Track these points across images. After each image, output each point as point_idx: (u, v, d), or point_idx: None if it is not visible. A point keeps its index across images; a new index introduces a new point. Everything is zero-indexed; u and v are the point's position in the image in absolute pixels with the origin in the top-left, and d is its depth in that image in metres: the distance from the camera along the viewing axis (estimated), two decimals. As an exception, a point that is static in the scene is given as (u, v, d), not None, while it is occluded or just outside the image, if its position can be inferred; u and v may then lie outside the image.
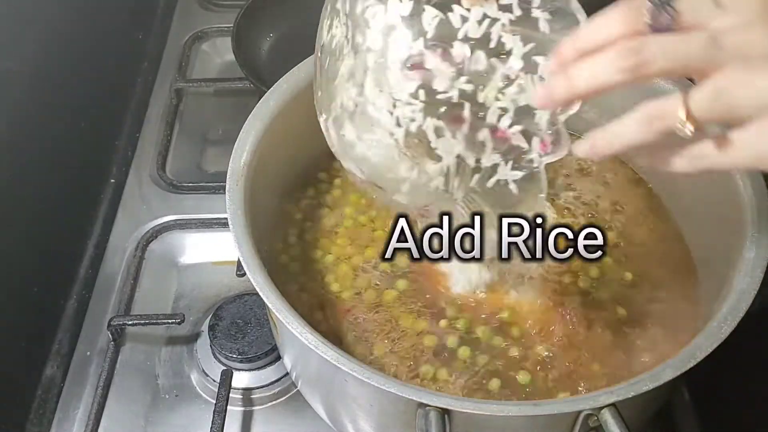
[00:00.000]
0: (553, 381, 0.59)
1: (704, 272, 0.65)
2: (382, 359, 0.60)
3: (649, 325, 0.62)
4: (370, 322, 0.62)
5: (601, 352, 0.60)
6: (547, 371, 0.59)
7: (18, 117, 0.76)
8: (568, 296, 0.63)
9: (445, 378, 0.59)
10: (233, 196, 0.59)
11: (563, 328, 0.61)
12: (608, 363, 0.60)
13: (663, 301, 0.64)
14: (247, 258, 0.56)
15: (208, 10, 1.12)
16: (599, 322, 0.62)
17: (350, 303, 0.64)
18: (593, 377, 0.59)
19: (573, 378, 0.59)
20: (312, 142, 0.71)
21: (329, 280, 0.65)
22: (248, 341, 0.73)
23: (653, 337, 0.62)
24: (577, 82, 0.41)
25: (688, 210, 0.68)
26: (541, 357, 0.60)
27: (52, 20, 0.84)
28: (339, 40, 0.52)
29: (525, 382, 0.58)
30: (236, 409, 0.72)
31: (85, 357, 0.76)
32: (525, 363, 0.59)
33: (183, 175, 0.92)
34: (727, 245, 0.59)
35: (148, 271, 0.83)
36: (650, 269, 0.66)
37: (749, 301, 0.53)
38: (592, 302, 0.63)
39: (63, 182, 0.83)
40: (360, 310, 0.63)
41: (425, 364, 0.59)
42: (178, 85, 1.00)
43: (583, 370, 0.59)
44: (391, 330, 0.62)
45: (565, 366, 0.59)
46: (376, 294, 0.64)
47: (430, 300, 0.63)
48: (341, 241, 0.68)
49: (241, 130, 0.63)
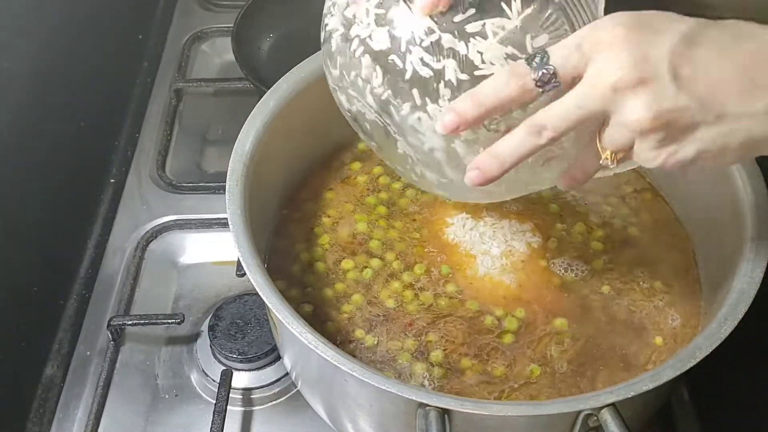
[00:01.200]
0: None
1: (704, 272, 0.65)
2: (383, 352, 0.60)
3: (648, 324, 0.62)
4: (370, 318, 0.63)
5: (601, 351, 0.61)
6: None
7: (18, 117, 0.76)
8: (567, 295, 0.63)
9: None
10: (233, 196, 0.59)
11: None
12: (607, 362, 0.60)
13: (663, 300, 0.64)
14: (247, 258, 0.56)
15: (208, 10, 1.12)
16: (598, 322, 0.62)
17: (351, 303, 0.64)
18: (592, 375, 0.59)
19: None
20: (312, 141, 0.72)
21: (329, 280, 0.65)
22: (248, 341, 0.73)
23: (652, 336, 0.62)
24: (504, 159, 0.47)
25: (689, 209, 0.69)
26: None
27: (52, 20, 0.84)
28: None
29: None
30: (236, 409, 0.72)
31: (85, 357, 0.76)
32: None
33: (183, 175, 0.92)
34: (727, 245, 0.59)
35: (148, 271, 0.83)
36: (650, 268, 0.66)
37: (749, 301, 0.53)
38: (590, 299, 0.63)
39: (63, 182, 0.83)
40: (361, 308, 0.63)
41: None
42: (178, 85, 1.00)
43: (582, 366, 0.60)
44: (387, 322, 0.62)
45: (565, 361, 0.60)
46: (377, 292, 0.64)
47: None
48: (341, 242, 0.68)
49: (241, 130, 0.63)
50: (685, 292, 0.64)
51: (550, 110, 0.45)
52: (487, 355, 0.60)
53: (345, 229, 0.69)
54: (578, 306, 0.63)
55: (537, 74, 0.45)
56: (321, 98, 0.68)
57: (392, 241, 0.67)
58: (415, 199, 0.70)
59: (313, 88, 0.67)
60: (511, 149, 0.46)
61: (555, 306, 0.63)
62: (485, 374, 0.59)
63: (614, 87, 0.43)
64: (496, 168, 0.47)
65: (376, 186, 0.72)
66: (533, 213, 0.68)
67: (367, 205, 0.70)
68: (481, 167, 0.48)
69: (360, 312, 0.63)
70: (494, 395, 0.58)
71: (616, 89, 0.43)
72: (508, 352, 0.60)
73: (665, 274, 0.65)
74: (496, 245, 0.65)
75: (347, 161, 0.74)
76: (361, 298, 0.64)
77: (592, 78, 0.44)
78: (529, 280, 0.64)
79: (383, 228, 0.68)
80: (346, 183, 0.72)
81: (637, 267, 0.66)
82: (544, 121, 0.45)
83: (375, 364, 0.60)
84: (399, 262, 0.66)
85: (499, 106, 0.46)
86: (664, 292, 0.64)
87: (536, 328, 0.62)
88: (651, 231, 0.69)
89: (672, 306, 0.63)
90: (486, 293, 0.63)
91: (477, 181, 0.48)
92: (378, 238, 0.67)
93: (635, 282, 0.65)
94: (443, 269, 0.65)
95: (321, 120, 0.69)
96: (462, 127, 0.47)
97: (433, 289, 0.64)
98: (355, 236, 0.68)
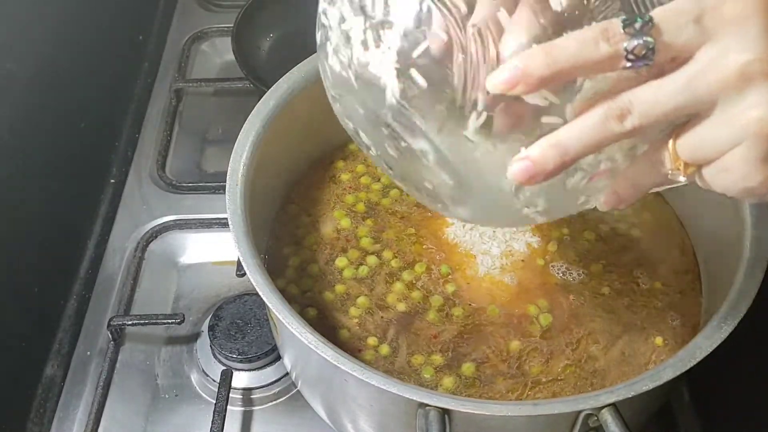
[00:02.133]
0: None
1: (704, 272, 0.65)
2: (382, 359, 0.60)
3: (648, 324, 0.62)
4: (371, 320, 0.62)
5: (600, 351, 0.61)
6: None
7: (18, 117, 0.76)
8: (566, 293, 0.63)
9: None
10: (233, 196, 0.59)
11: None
12: (607, 361, 0.60)
13: (663, 300, 0.64)
14: (247, 258, 0.56)
15: (208, 10, 1.12)
16: (597, 321, 0.62)
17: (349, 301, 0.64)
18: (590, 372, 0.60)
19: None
20: (312, 141, 0.72)
21: (329, 280, 0.65)
22: (248, 341, 0.73)
23: (652, 336, 0.62)
24: (566, 148, 0.37)
25: (689, 209, 0.69)
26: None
27: (53, 21, 0.84)
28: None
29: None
30: (236, 409, 0.72)
31: (85, 357, 0.76)
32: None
33: (183, 175, 0.92)
34: (728, 245, 0.59)
35: (148, 271, 0.83)
36: (650, 268, 0.66)
37: (749, 301, 0.53)
38: (589, 299, 0.63)
39: (63, 182, 0.83)
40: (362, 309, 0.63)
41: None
42: (178, 86, 1.00)
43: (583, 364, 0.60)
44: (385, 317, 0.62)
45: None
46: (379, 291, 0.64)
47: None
48: (340, 242, 0.68)
49: (241, 130, 0.63)
50: (686, 292, 0.64)
51: (643, 91, 0.36)
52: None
53: (327, 226, 0.68)
54: (578, 306, 0.63)
55: (632, 44, 0.35)
56: (321, 98, 0.68)
57: (389, 240, 0.67)
58: (401, 199, 0.70)
59: (313, 88, 0.67)
60: (579, 135, 0.36)
61: (557, 306, 0.63)
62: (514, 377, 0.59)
63: (742, 72, 0.34)
64: (553, 159, 0.37)
65: (358, 185, 0.71)
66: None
67: (346, 203, 0.70)
68: (534, 157, 0.37)
69: (371, 317, 0.63)
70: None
71: (744, 75, 0.34)
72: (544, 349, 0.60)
73: (665, 274, 0.65)
74: (496, 245, 0.65)
75: (335, 160, 0.74)
76: (367, 300, 0.63)
77: (711, 59, 0.35)
78: (529, 280, 0.64)
79: (369, 226, 0.68)
80: (346, 183, 0.72)
81: (637, 267, 0.66)
82: (632, 103, 0.36)
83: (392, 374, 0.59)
84: (398, 260, 0.65)
85: (573, 69, 0.36)
86: (664, 293, 0.64)
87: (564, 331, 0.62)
88: (652, 231, 0.69)
89: (672, 306, 0.63)
90: (484, 293, 0.63)
91: (524, 175, 0.37)
92: (365, 235, 0.67)
93: (635, 282, 0.65)
94: (443, 269, 0.65)
95: (321, 120, 0.68)
96: (524, 85, 0.36)
97: (436, 289, 0.64)
98: (339, 232, 0.68)
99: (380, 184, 0.71)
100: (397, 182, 0.52)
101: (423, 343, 0.61)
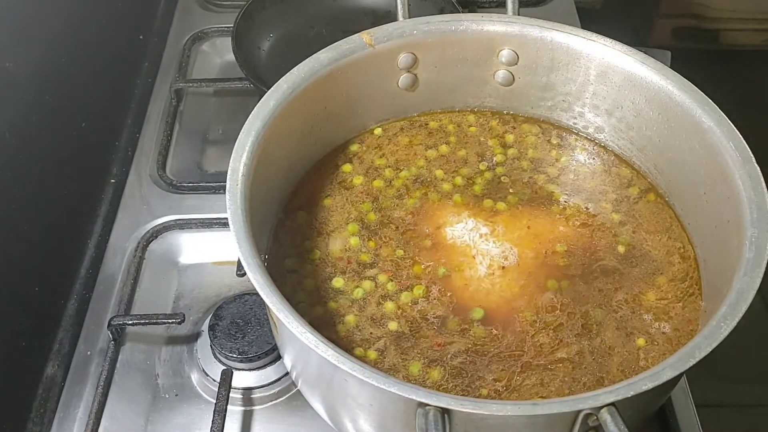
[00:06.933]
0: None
1: (705, 272, 0.65)
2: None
3: (648, 323, 0.62)
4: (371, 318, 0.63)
5: (601, 350, 0.61)
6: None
7: (18, 117, 0.76)
8: (567, 295, 0.64)
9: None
10: (234, 195, 0.59)
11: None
12: (606, 362, 0.60)
13: (663, 300, 0.64)
14: (247, 258, 0.56)
15: (208, 10, 1.12)
16: (596, 321, 0.62)
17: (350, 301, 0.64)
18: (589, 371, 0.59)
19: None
20: (312, 141, 0.72)
21: (329, 279, 0.65)
22: (248, 341, 0.73)
23: (653, 336, 0.62)
24: None
25: (690, 210, 0.68)
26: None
27: (53, 21, 0.84)
28: None
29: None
30: (236, 408, 0.72)
31: (85, 356, 0.76)
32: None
33: (183, 175, 0.92)
34: (727, 245, 0.59)
35: (149, 271, 0.83)
36: (650, 268, 0.66)
37: (749, 301, 0.53)
38: (590, 300, 0.63)
39: (63, 182, 0.83)
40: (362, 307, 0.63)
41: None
42: (178, 86, 1.00)
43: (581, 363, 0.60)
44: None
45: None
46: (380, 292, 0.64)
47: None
48: (342, 262, 0.68)
49: (241, 130, 0.63)
50: (686, 292, 0.64)
51: None
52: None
53: (337, 243, 0.68)
54: (578, 306, 0.63)
55: None
56: (321, 98, 0.69)
57: (386, 258, 0.67)
58: (408, 206, 0.70)
59: (313, 88, 0.67)
60: None
61: (558, 306, 0.63)
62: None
63: None
64: None
65: (370, 189, 0.71)
66: (533, 213, 0.68)
67: (361, 211, 0.70)
68: None
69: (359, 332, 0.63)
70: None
71: None
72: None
73: (666, 274, 0.65)
74: (496, 245, 0.65)
75: (339, 162, 0.73)
76: (355, 319, 0.63)
77: None
78: (529, 280, 0.64)
79: (372, 246, 0.68)
80: (345, 184, 0.72)
81: (637, 267, 0.66)
82: None
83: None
84: (393, 283, 0.65)
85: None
86: (664, 293, 0.64)
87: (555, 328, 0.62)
88: (652, 231, 0.69)
89: (672, 306, 0.63)
90: (483, 294, 0.63)
91: None
92: (370, 251, 0.67)
93: (635, 282, 0.65)
94: (441, 270, 0.65)
95: (321, 120, 0.69)
96: None
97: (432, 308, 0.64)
98: (347, 250, 0.67)
99: (393, 188, 0.71)
100: None
101: (416, 352, 0.61)
